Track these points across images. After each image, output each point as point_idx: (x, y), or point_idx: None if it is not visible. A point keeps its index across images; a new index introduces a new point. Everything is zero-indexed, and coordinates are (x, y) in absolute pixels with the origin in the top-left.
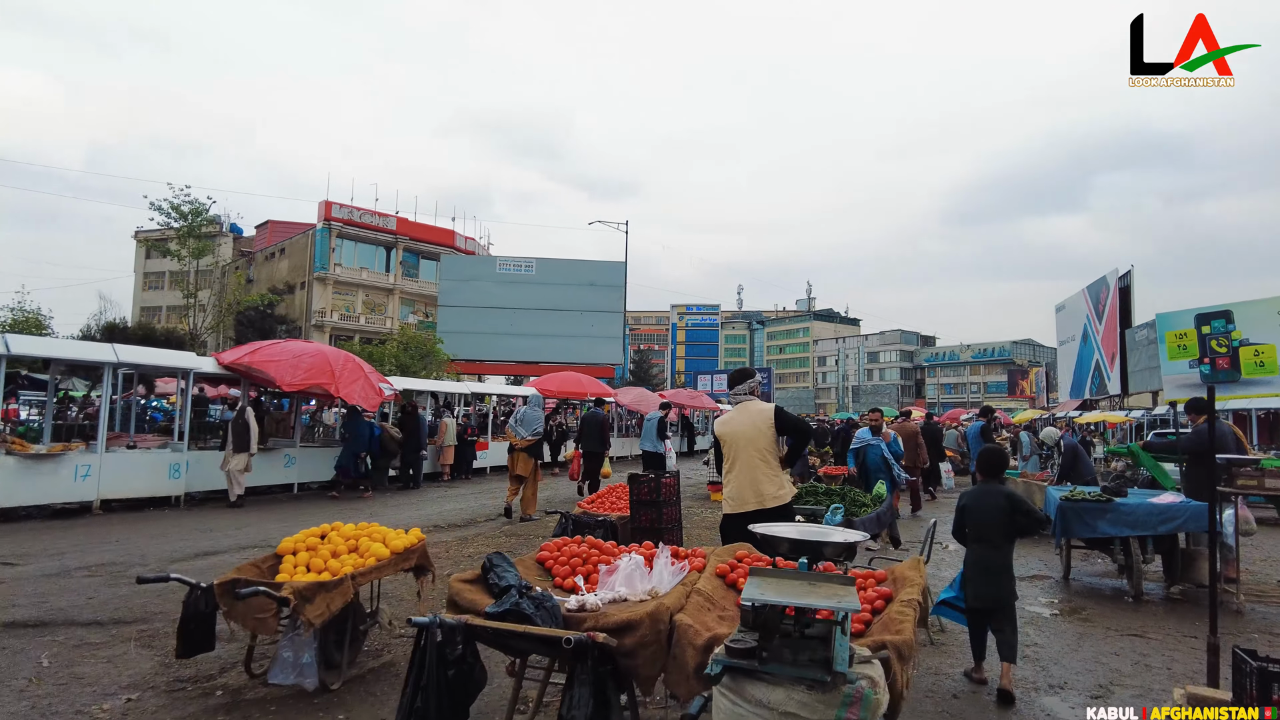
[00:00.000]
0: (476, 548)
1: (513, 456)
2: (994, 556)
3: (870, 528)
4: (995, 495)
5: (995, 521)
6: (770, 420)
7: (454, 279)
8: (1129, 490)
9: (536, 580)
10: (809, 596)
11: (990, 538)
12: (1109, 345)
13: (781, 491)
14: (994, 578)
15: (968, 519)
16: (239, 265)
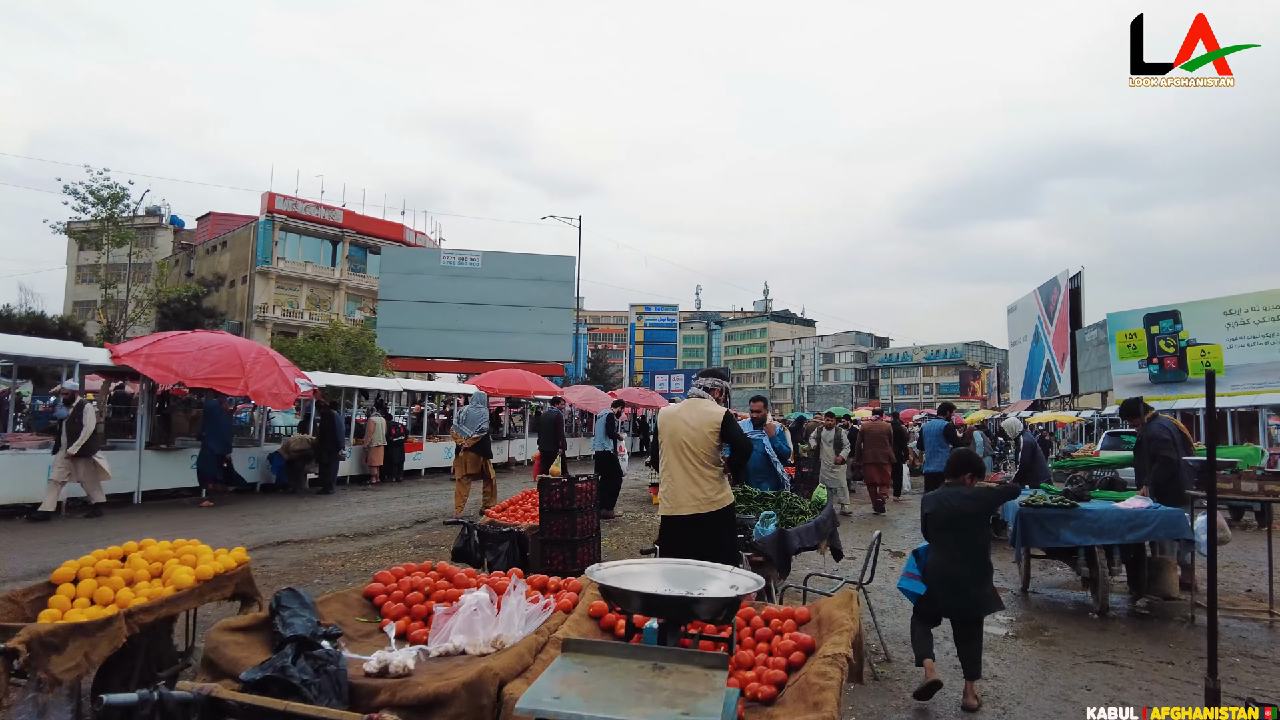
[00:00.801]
0: (378, 561)
1: (460, 457)
2: (962, 563)
3: (808, 539)
4: (961, 497)
5: (964, 527)
6: (717, 427)
7: (395, 272)
8: (1092, 493)
9: (357, 623)
10: (638, 705)
11: (956, 544)
12: (1060, 346)
13: (721, 495)
14: (963, 587)
15: (930, 524)
16: (178, 258)
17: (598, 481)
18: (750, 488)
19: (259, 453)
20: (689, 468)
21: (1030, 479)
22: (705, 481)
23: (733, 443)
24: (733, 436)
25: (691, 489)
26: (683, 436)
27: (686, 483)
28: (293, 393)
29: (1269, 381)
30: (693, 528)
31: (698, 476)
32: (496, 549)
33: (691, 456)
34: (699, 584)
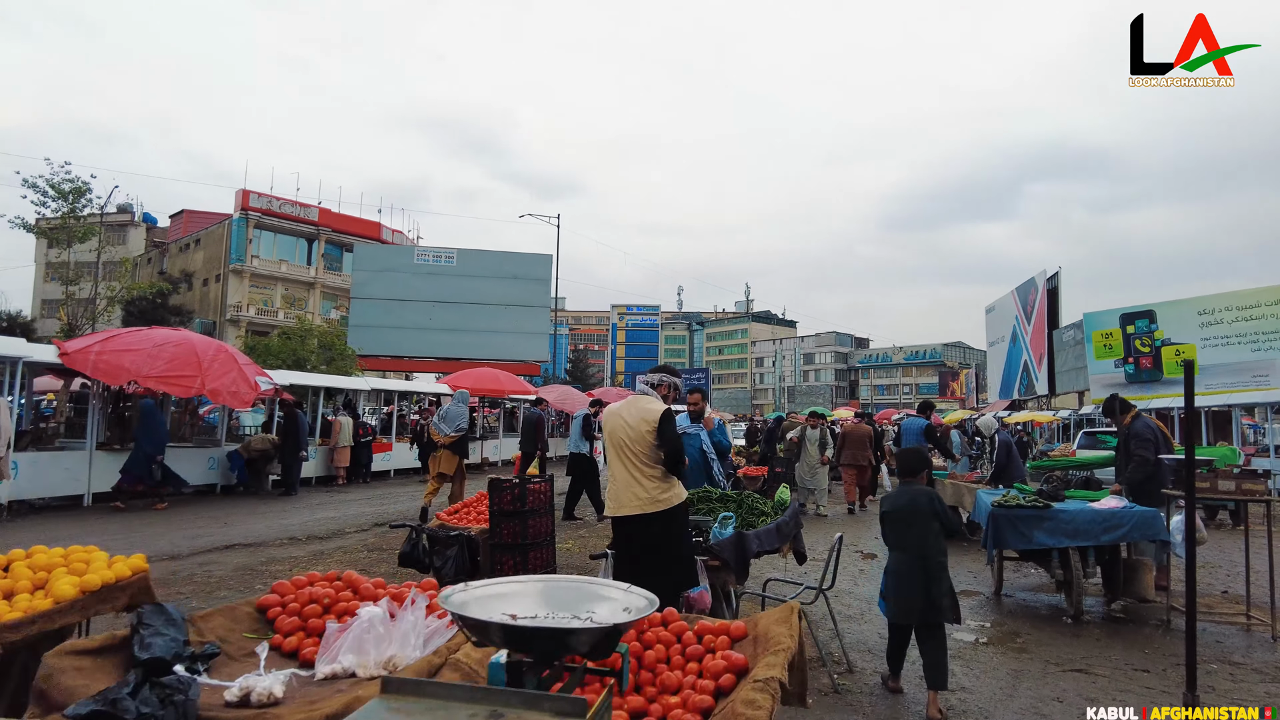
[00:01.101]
0: (328, 565)
1: (435, 455)
2: (920, 565)
3: (769, 542)
4: (919, 497)
5: (920, 526)
6: (654, 425)
7: (368, 270)
8: (1066, 493)
9: (243, 640)
10: None
11: (914, 545)
12: (1037, 346)
13: (667, 494)
14: (920, 590)
15: (888, 524)
16: (150, 256)
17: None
18: (711, 487)
19: (219, 453)
20: (629, 467)
21: (1005, 479)
22: (648, 481)
23: (664, 445)
24: (666, 437)
25: (634, 489)
26: (622, 435)
27: (628, 482)
28: (252, 391)
29: (1241, 381)
30: (638, 529)
31: (639, 475)
32: (444, 554)
33: (631, 456)
34: (585, 606)
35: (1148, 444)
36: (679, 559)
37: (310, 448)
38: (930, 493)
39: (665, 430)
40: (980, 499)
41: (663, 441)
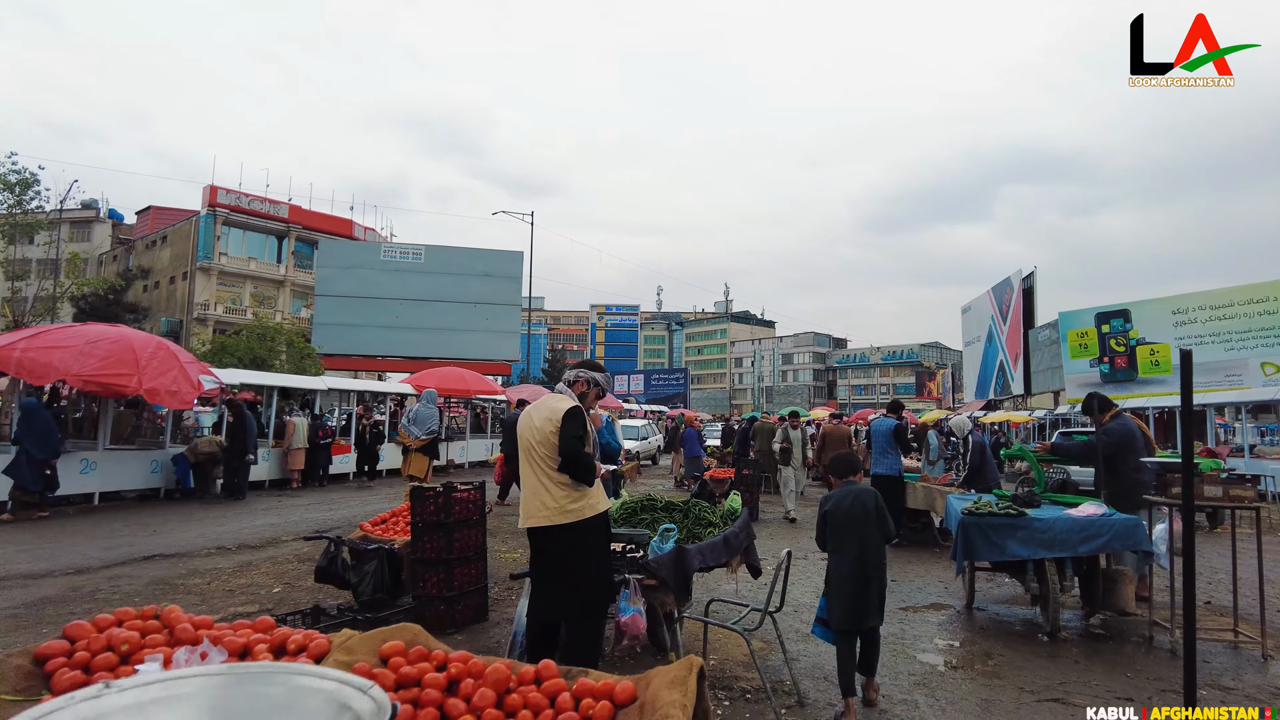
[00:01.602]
0: (252, 579)
1: (406, 458)
2: (867, 568)
3: (714, 556)
4: (863, 497)
5: (863, 528)
6: (556, 425)
7: (334, 266)
8: (1042, 497)
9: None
10: None
11: (855, 547)
12: (1013, 346)
13: (578, 504)
14: (870, 594)
15: (830, 525)
16: (115, 253)
17: None
18: (655, 495)
19: (163, 456)
20: (536, 472)
21: (979, 482)
22: (556, 488)
23: (562, 445)
24: (564, 437)
25: (541, 496)
26: (528, 437)
27: (536, 489)
28: (195, 391)
29: (1215, 380)
30: (547, 543)
31: (547, 482)
32: (363, 569)
33: (538, 460)
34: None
35: (1108, 441)
36: (592, 578)
37: (263, 450)
38: (875, 493)
39: (565, 430)
40: (950, 505)
41: (563, 441)
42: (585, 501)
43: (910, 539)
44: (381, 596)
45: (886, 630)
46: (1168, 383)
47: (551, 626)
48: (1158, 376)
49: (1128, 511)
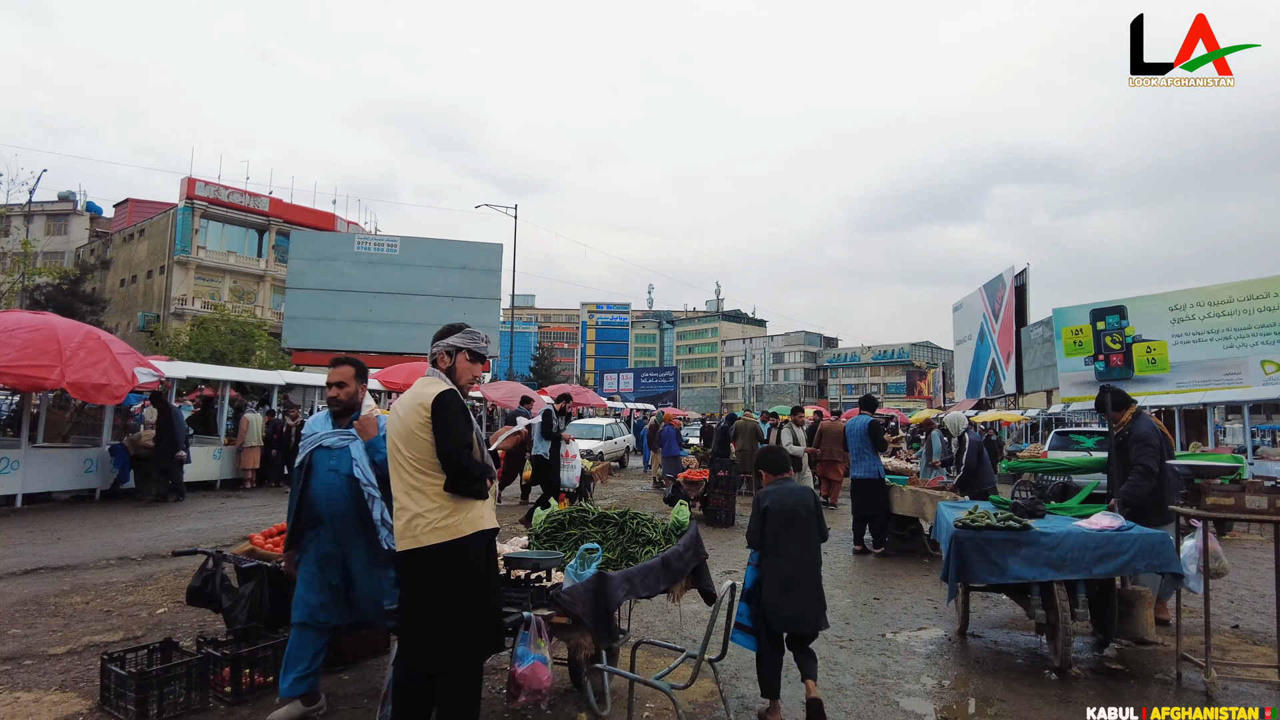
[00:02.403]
0: (142, 596)
1: None
2: (806, 570)
3: (648, 584)
4: (803, 494)
5: (802, 528)
6: (425, 417)
7: (305, 258)
8: (1046, 507)
9: None
10: None
11: (795, 547)
12: (1005, 344)
13: (451, 519)
14: (812, 596)
15: (769, 523)
16: (94, 247)
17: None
18: (589, 505)
19: (97, 454)
20: (401, 478)
21: (974, 485)
22: (425, 499)
23: (438, 443)
24: (439, 434)
25: (407, 510)
26: (392, 435)
27: (400, 502)
28: (127, 384)
29: (1214, 379)
30: (413, 571)
31: (413, 491)
32: (238, 592)
33: (402, 463)
34: None
35: (1152, 451)
36: (468, 617)
37: (213, 448)
38: (813, 492)
39: (440, 427)
40: (941, 515)
41: (438, 438)
42: (461, 516)
43: (896, 548)
44: (256, 625)
45: (863, 666)
46: (1165, 381)
47: (424, 678)
48: (1154, 375)
49: (1151, 524)
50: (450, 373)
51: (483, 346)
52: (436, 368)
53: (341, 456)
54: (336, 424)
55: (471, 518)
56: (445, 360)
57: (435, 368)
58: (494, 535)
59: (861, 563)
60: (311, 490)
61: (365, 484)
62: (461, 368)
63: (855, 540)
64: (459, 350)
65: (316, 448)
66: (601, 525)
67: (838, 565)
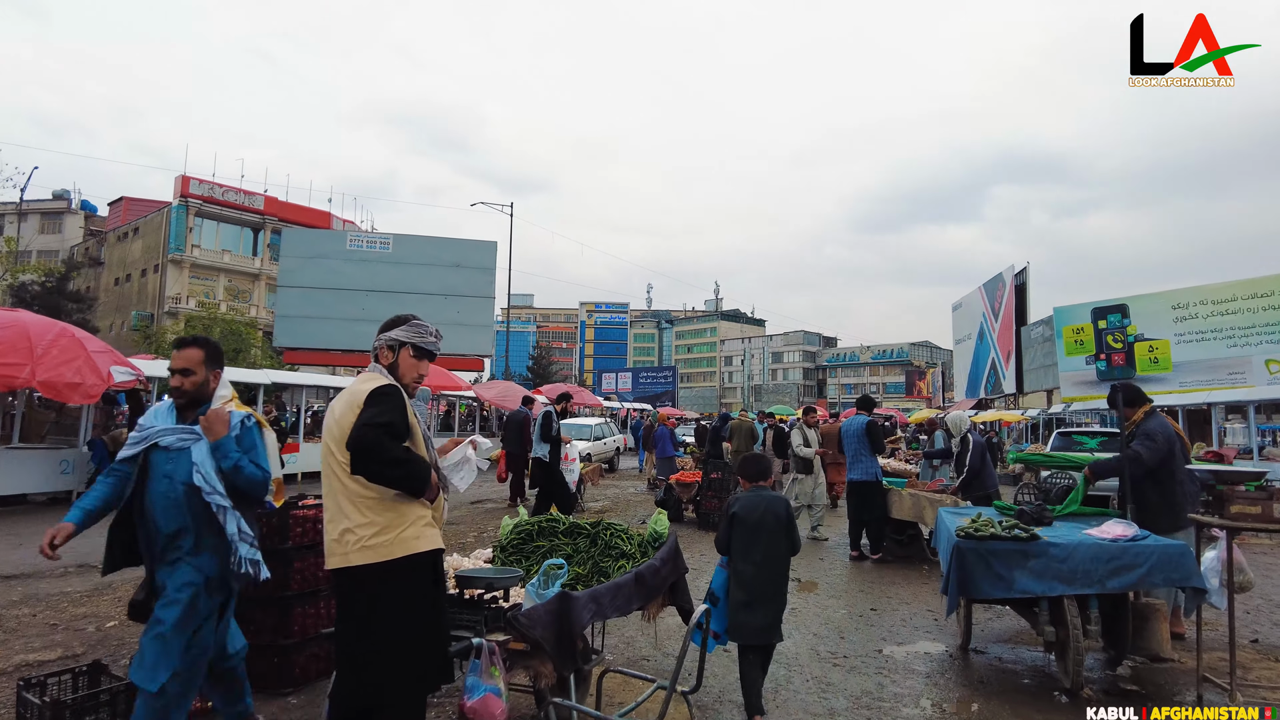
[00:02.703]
0: (95, 607)
1: None
2: (777, 580)
3: (617, 604)
4: (773, 503)
5: (770, 536)
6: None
7: (296, 256)
8: (1053, 512)
9: None
10: None
11: (762, 555)
12: (1005, 343)
13: (384, 536)
14: (771, 610)
15: (737, 530)
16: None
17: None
18: (561, 516)
19: (74, 455)
20: (331, 486)
21: (977, 488)
22: (356, 511)
23: (353, 437)
24: (358, 423)
25: (338, 522)
26: (328, 438)
27: (332, 513)
28: (102, 383)
29: (1217, 378)
30: (348, 590)
31: (344, 500)
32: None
33: (335, 469)
34: None
35: (1152, 445)
36: (405, 646)
37: None
38: (786, 501)
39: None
40: (942, 522)
41: (356, 429)
42: (395, 535)
43: (895, 553)
44: None
45: (858, 687)
46: (1167, 381)
47: (362, 711)
48: (1157, 374)
49: (1166, 532)
50: (392, 369)
51: (431, 342)
52: (378, 363)
53: (179, 460)
54: (181, 419)
55: (406, 537)
56: (387, 355)
57: (377, 363)
58: (436, 557)
59: (858, 569)
60: (147, 500)
61: (210, 492)
62: (405, 364)
63: (852, 545)
64: (402, 345)
65: (152, 447)
66: (572, 536)
67: (833, 572)
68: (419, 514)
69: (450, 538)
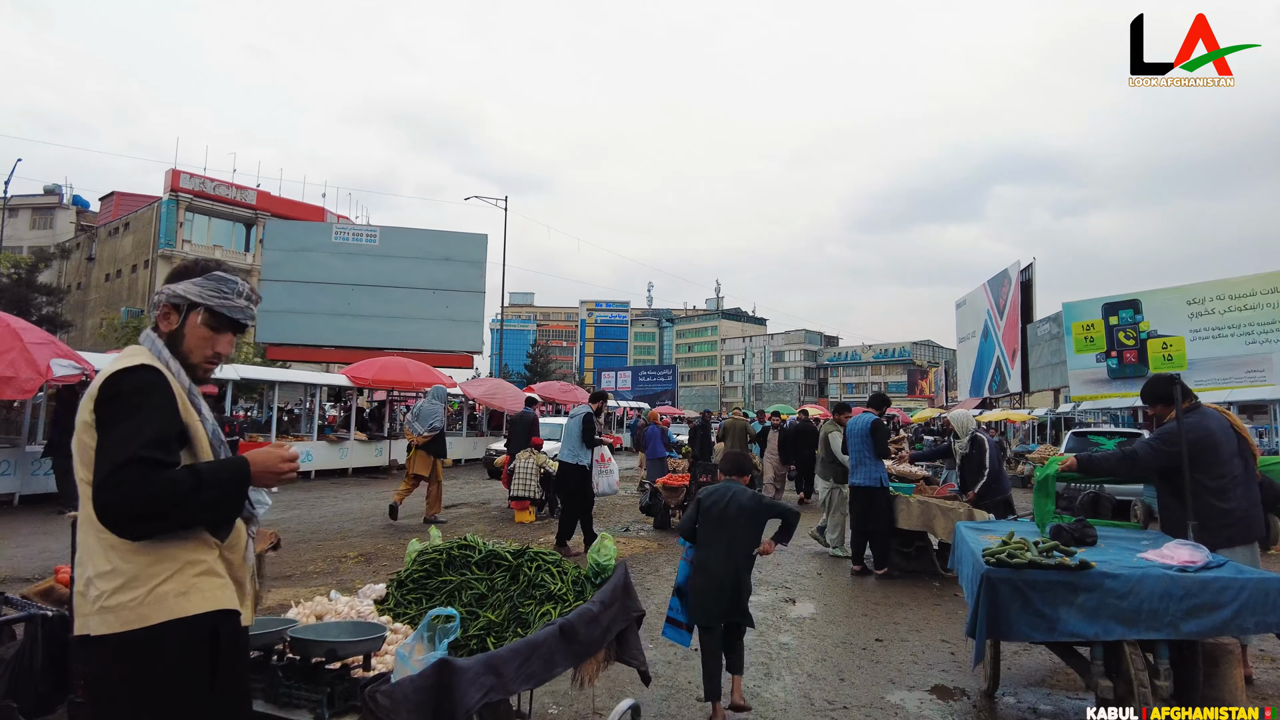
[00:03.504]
0: None
1: (411, 455)
2: (739, 569)
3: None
4: (739, 494)
5: (733, 525)
6: (90, 413)
7: (281, 249)
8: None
9: None
10: None
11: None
12: (1010, 341)
13: (121, 597)
14: (735, 592)
15: (702, 519)
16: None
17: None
18: (477, 540)
19: (14, 455)
20: (83, 514)
21: (996, 494)
22: (94, 547)
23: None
24: (100, 431)
25: (82, 569)
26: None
27: (80, 556)
28: (40, 377)
29: (1235, 376)
30: (96, 668)
31: (87, 536)
32: None
33: (84, 493)
34: None
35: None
36: None
37: None
38: (754, 494)
39: (103, 422)
40: (963, 542)
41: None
42: (147, 590)
43: (902, 567)
44: (8, 704)
45: None
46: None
47: None
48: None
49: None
50: (174, 342)
51: (238, 308)
52: (155, 331)
53: None
54: None
55: (165, 593)
56: (169, 319)
57: (154, 331)
58: (222, 623)
59: (861, 588)
60: None
61: None
62: (194, 336)
63: (854, 559)
64: (193, 306)
65: None
66: (489, 569)
67: (833, 591)
68: (193, 558)
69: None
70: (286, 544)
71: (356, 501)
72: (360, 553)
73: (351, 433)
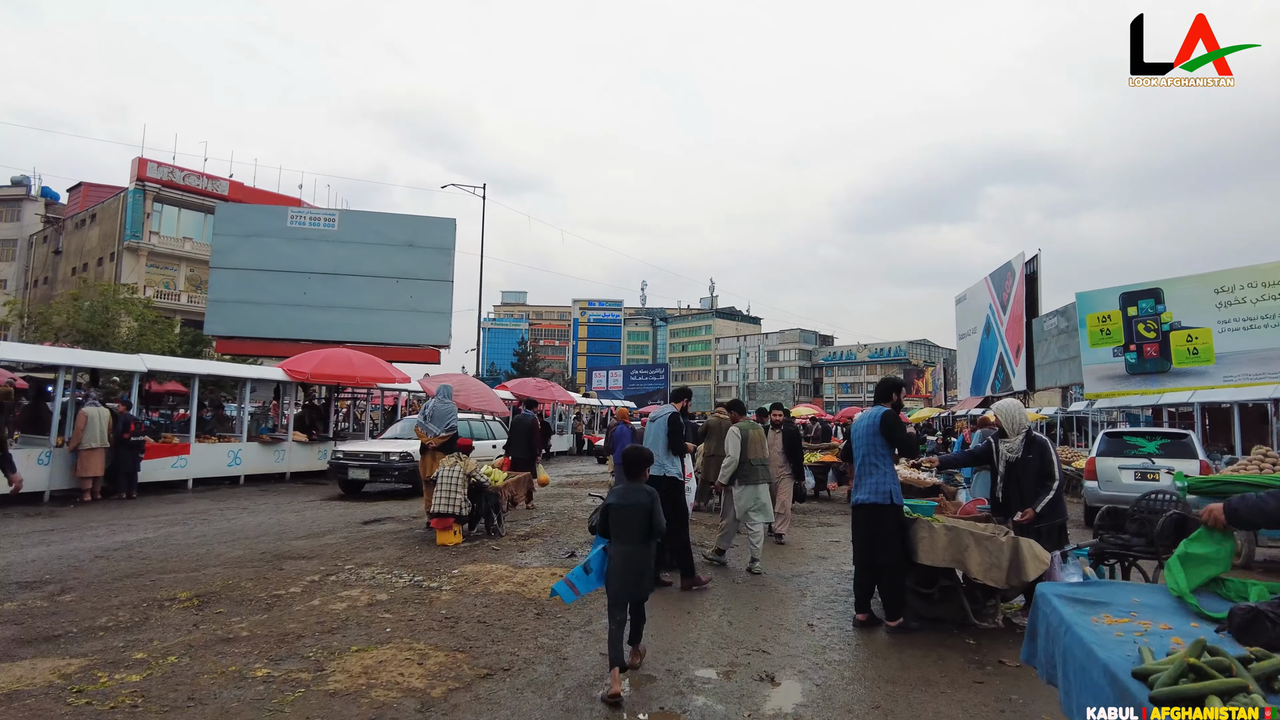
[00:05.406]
0: None
1: (425, 458)
2: (639, 556)
3: None
4: (637, 494)
5: (637, 522)
6: None
7: (232, 234)
8: None
9: None
10: None
11: (631, 537)
12: (1014, 337)
13: None
14: (639, 577)
15: (611, 516)
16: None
17: None
18: None
19: None
20: None
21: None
22: None
23: None
24: None
25: None
26: None
27: None
28: None
29: (1270, 372)
30: None
31: None
32: None
33: None
34: None
35: None
36: None
37: (43, 450)
38: (652, 492)
39: None
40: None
41: None
42: None
43: (922, 614)
44: None
45: None
46: (1209, 374)
47: None
48: (1196, 367)
49: None
50: None
51: None
52: None
53: None
54: None
55: None
56: None
57: None
58: None
59: (867, 647)
60: None
61: None
62: None
63: (857, 605)
64: None
65: None
66: None
67: (825, 656)
68: None
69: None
70: (105, 579)
71: (265, 515)
72: (200, 592)
73: (290, 433)
